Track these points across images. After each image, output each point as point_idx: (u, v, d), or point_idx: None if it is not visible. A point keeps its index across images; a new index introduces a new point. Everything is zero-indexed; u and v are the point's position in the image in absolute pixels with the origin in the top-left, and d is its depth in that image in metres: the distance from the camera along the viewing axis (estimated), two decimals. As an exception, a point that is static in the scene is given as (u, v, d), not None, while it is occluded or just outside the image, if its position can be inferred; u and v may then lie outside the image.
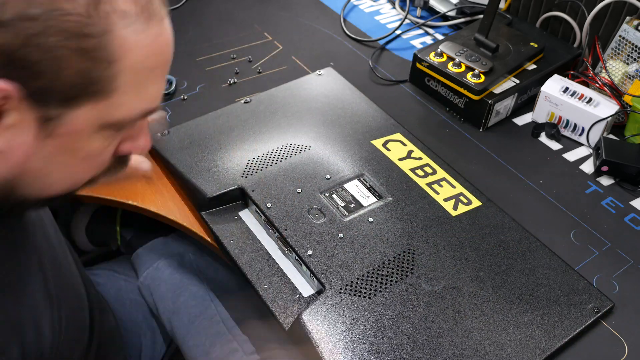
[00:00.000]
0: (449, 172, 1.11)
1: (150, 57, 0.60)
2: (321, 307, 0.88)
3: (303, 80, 1.32)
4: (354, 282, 0.92)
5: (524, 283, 0.94)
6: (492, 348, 0.86)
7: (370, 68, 1.41)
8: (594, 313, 0.92)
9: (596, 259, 1.02)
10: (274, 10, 1.60)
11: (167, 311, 1.14)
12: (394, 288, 0.91)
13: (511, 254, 0.98)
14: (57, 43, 0.52)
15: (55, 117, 0.57)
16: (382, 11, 1.63)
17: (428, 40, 1.53)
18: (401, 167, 1.11)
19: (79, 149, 0.62)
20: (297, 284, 0.96)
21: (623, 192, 1.15)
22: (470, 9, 1.51)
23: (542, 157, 1.21)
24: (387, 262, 0.95)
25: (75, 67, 0.54)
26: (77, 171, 0.66)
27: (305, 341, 0.86)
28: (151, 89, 0.63)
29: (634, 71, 1.23)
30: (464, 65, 1.25)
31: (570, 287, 0.95)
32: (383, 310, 0.89)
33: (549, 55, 1.34)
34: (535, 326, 0.89)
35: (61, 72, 0.54)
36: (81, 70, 0.55)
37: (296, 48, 1.46)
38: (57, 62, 0.53)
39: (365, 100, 1.26)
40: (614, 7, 1.27)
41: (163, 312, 1.15)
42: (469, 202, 1.06)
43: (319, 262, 0.94)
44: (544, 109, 1.26)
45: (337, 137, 1.16)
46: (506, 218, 1.04)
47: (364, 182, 1.08)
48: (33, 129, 0.57)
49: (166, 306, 1.15)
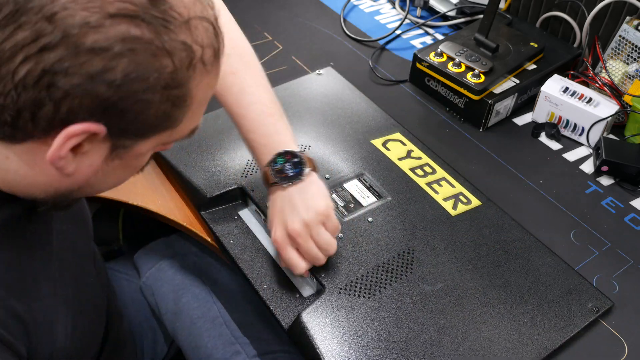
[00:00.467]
0: (449, 172, 1.11)
1: (211, 89, 0.66)
2: (321, 307, 0.88)
3: (303, 80, 1.32)
4: (354, 282, 0.92)
5: (524, 283, 0.94)
6: (491, 347, 0.86)
7: (370, 68, 1.41)
8: (594, 312, 0.92)
9: (596, 259, 1.02)
10: (274, 10, 1.60)
11: (169, 312, 1.14)
12: (394, 288, 0.91)
13: (511, 253, 0.98)
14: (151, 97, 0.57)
15: (128, 146, 0.62)
16: (382, 11, 1.63)
17: (428, 40, 1.53)
18: (401, 166, 1.11)
19: (136, 165, 0.69)
20: (296, 283, 0.96)
21: (623, 192, 1.15)
22: (470, 9, 1.51)
23: (542, 157, 1.21)
24: (386, 262, 0.95)
25: (161, 112, 0.59)
26: (126, 178, 0.70)
27: (305, 341, 0.86)
28: (201, 112, 0.68)
29: (634, 71, 1.23)
30: (464, 65, 1.25)
31: (569, 286, 0.95)
32: (382, 310, 0.89)
33: (549, 55, 1.34)
34: (535, 326, 0.89)
35: (145, 115, 0.58)
36: (162, 113, 0.60)
37: (296, 48, 1.46)
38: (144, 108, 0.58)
39: (365, 100, 1.26)
40: (614, 7, 1.27)
41: (165, 312, 1.15)
42: (469, 202, 1.06)
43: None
44: (544, 109, 1.26)
45: (336, 137, 1.16)
46: (506, 218, 1.04)
47: (363, 182, 1.08)
48: (104, 155, 0.62)
49: (168, 307, 1.15)
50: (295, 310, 0.91)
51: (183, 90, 0.59)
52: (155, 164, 1.15)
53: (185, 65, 0.58)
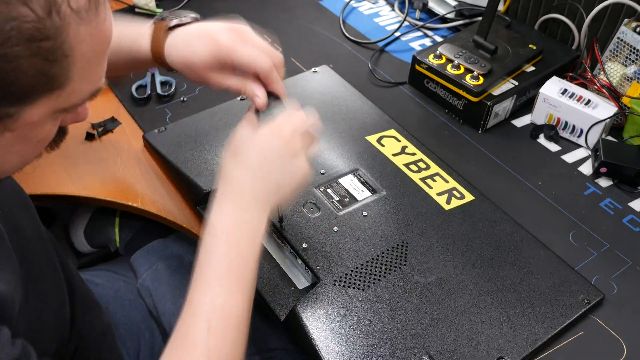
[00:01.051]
0: (443, 167, 1.11)
1: (98, 43, 0.60)
2: (316, 299, 0.89)
3: (299, 77, 1.33)
4: (348, 274, 0.92)
5: (516, 275, 0.94)
6: (484, 338, 0.86)
7: (370, 70, 1.42)
8: (585, 304, 0.92)
9: (595, 260, 1.02)
10: (273, 12, 1.61)
11: (167, 313, 1.14)
12: (388, 280, 0.92)
13: (503, 246, 0.99)
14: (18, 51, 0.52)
15: (12, 114, 0.57)
16: (381, 13, 1.64)
17: (427, 42, 1.54)
18: (395, 162, 1.12)
19: (34, 136, 0.63)
20: (292, 276, 0.96)
21: (621, 193, 1.14)
22: (469, 11, 1.51)
23: (541, 159, 1.21)
24: (380, 255, 0.95)
25: (33, 69, 0.54)
26: (30, 154, 0.66)
27: (300, 332, 0.86)
28: (98, 71, 0.63)
29: (632, 73, 1.23)
30: (462, 67, 1.25)
31: (561, 279, 0.95)
32: (377, 302, 0.89)
33: (548, 57, 1.35)
34: (527, 317, 0.89)
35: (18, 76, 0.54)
36: (38, 71, 0.55)
37: (295, 50, 1.47)
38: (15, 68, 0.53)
39: (360, 97, 1.27)
40: (612, 9, 1.27)
41: (163, 313, 1.15)
42: (462, 197, 1.06)
43: (313, 255, 0.94)
44: (543, 111, 1.26)
45: (332, 133, 1.17)
46: (499, 212, 1.04)
47: (358, 177, 1.08)
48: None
49: (166, 308, 1.14)
50: (290, 302, 0.91)
51: (56, 42, 0.54)
52: (154, 163, 1.16)
53: (46, 12, 0.53)
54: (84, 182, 1.11)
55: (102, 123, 1.23)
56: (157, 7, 1.56)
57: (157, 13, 1.50)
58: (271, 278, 0.95)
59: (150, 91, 1.30)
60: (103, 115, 1.25)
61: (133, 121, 1.25)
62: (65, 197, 1.10)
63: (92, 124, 1.22)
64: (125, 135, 1.22)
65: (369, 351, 0.83)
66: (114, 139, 1.21)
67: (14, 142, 0.61)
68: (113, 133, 1.22)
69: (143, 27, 0.96)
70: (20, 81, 0.54)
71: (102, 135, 1.21)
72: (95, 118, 1.23)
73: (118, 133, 1.22)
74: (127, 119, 1.25)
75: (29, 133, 0.61)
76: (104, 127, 1.22)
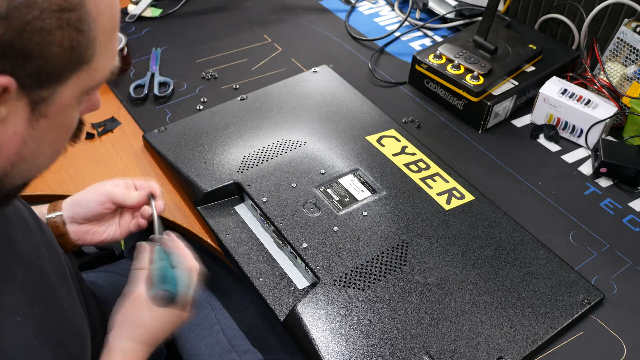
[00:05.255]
0: (443, 167, 1.11)
1: (114, 15, 0.61)
2: (316, 299, 0.89)
3: (299, 77, 1.33)
4: (348, 274, 0.92)
5: (516, 275, 0.95)
6: (484, 338, 0.86)
7: (370, 70, 1.42)
8: (585, 304, 0.92)
9: (595, 260, 1.02)
10: (274, 12, 1.61)
11: None
12: (388, 280, 0.92)
13: (503, 246, 0.99)
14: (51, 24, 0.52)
15: (47, 98, 0.57)
16: (382, 13, 1.64)
17: (427, 42, 1.54)
18: (395, 162, 1.12)
19: (65, 122, 0.62)
20: (292, 276, 0.96)
21: (621, 193, 1.14)
22: (469, 11, 1.51)
23: (541, 159, 1.21)
24: (380, 255, 0.95)
25: (63, 42, 0.54)
26: (61, 143, 0.65)
27: (300, 332, 0.86)
28: (115, 46, 0.64)
29: (632, 73, 1.23)
30: (462, 67, 1.25)
31: (561, 279, 0.95)
32: (377, 302, 0.89)
33: (548, 57, 1.35)
34: (527, 317, 0.89)
35: (50, 51, 0.54)
36: (68, 44, 0.55)
37: (295, 50, 1.47)
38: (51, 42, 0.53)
39: (360, 97, 1.27)
40: (612, 9, 1.27)
41: None
42: (462, 197, 1.06)
43: (313, 255, 0.94)
44: (543, 111, 1.26)
45: (332, 133, 1.17)
46: (498, 212, 1.04)
47: (358, 177, 1.08)
48: (25, 116, 0.57)
49: None
50: (290, 302, 0.91)
51: (81, 13, 0.55)
52: (154, 163, 1.16)
53: None
54: (84, 182, 1.11)
55: (102, 123, 1.23)
56: (157, 7, 1.56)
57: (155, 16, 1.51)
58: (271, 278, 0.95)
59: (147, 91, 1.30)
60: (103, 115, 1.25)
61: (133, 121, 1.25)
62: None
63: (92, 124, 1.22)
64: (125, 135, 1.22)
65: (369, 351, 0.83)
66: (114, 138, 1.21)
67: (48, 129, 0.60)
68: (113, 133, 1.22)
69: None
70: (55, 57, 0.54)
71: (102, 135, 1.21)
72: (95, 118, 1.24)
73: (118, 133, 1.22)
74: (127, 119, 1.25)
75: (61, 118, 0.61)
76: (104, 127, 1.22)
